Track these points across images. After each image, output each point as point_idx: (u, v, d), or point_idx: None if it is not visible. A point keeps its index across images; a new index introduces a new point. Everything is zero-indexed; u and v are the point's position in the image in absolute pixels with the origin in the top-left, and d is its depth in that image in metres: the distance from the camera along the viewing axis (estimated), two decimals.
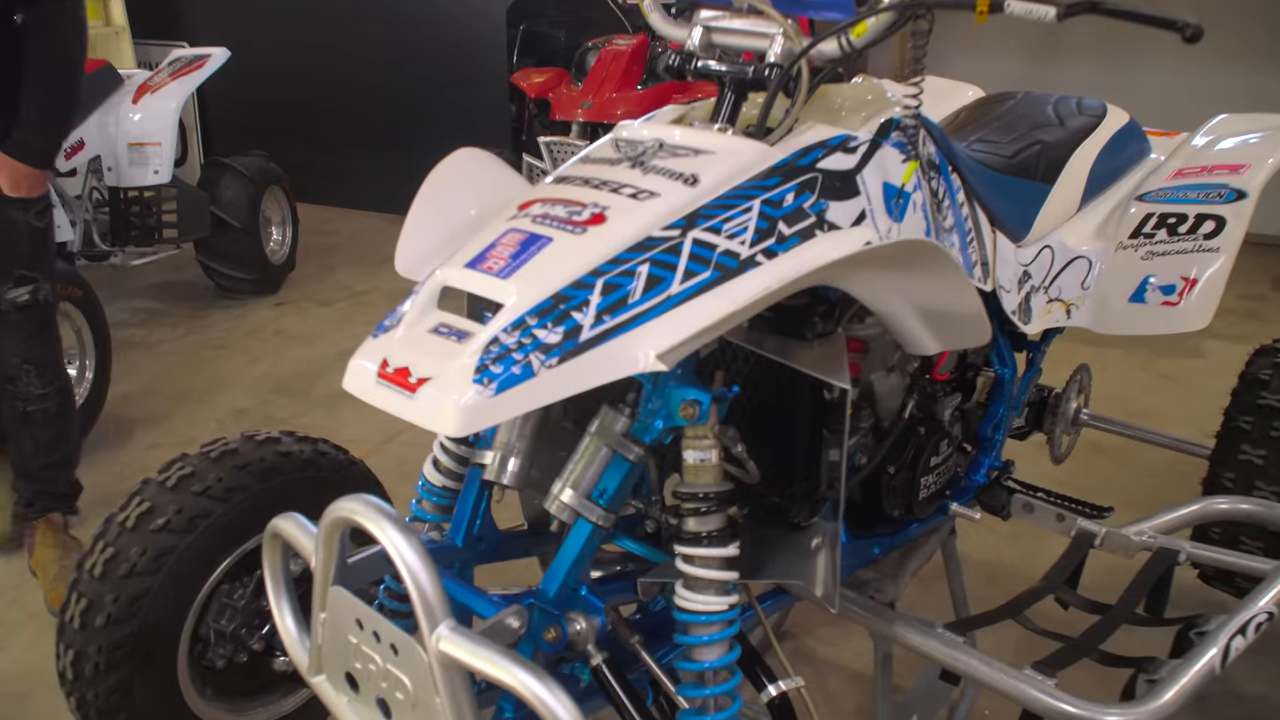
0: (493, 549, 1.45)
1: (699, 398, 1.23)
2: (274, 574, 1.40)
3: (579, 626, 1.25)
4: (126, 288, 5.08)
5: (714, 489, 1.24)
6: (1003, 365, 2.09)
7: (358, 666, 1.24)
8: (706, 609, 1.24)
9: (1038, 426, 2.39)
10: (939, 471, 1.87)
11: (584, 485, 1.29)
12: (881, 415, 1.80)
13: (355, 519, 1.17)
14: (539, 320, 1.14)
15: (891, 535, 1.93)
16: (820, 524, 1.47)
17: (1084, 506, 1.95)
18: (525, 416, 1.40)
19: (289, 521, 1.34)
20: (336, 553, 1.24)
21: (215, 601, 1.69)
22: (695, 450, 1.25)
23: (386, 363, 1.17)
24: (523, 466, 1.38)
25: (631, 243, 1.21)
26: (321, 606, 1.28)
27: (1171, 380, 4.13)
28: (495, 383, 1.08)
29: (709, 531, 1.24)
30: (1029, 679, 1.49)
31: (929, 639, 1.59)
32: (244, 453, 1.73)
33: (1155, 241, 1.98)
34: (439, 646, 1.10)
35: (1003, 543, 3.07)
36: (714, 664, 1.25)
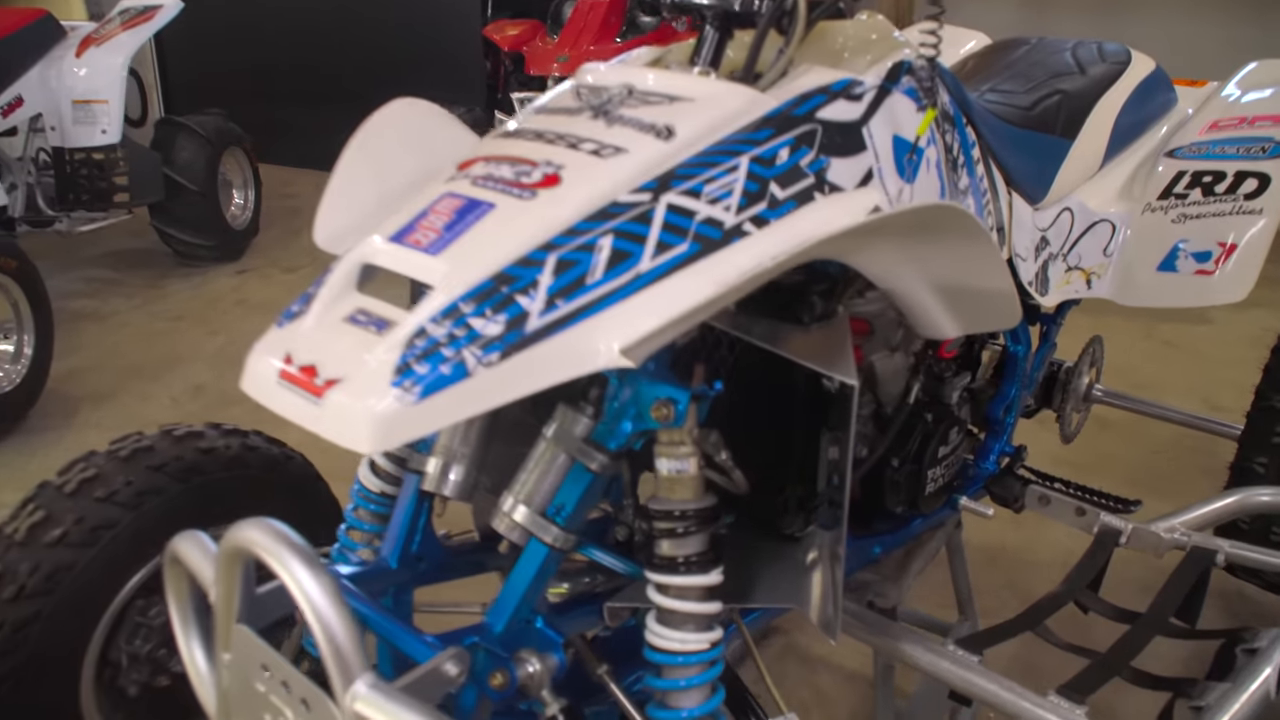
0: (436, 568, 1.24)
1: (674, 396, 1.02)
2: (178, 601, 1.19)
3: (532, 669, 1.05)
4: (79, 256, 4.82)
5: (693, 505, 1.04)
6: (1015, 341, 1.89)
7: (266, 719, 1.04)
8: (684, 648, 1.04)
9: (1047, 404, 2.20)
10: (947, 462, 1.68)
11: (538, 500, 1.08)
12: (883, 400, 1.59)
13: (254, 550, 0.96)
14: (476, 306, 0.92)
15: (894, 533, 1.74)
16: (816, 534, 1.27)
17: (1107, 499, 1.76)
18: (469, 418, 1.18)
19: (189, 543, 1.13)
20: (239, 585, 1.03)
21: (127, 620, 1.48)
22: (670, 459, 1.04)
23: (290, 358, 0.95)
24: (468, 475, 1.17)
25: (591, 210, 1.00)
26: (225, 646, 1.07)
27: (1175, 348, 3.94)
28: (419, 385, 0.87)
29: (687, 556, 1.04)
30: (1056, 707, 1.31)
31: (940, 659, 1.40)
32: (159, 450, 1.52)
33: (1188, 203, 1.77)
34: (354, 707, 0.90)
35: (1005, 526, 2.89)
36: (694, 713, 1.05)
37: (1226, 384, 3.49)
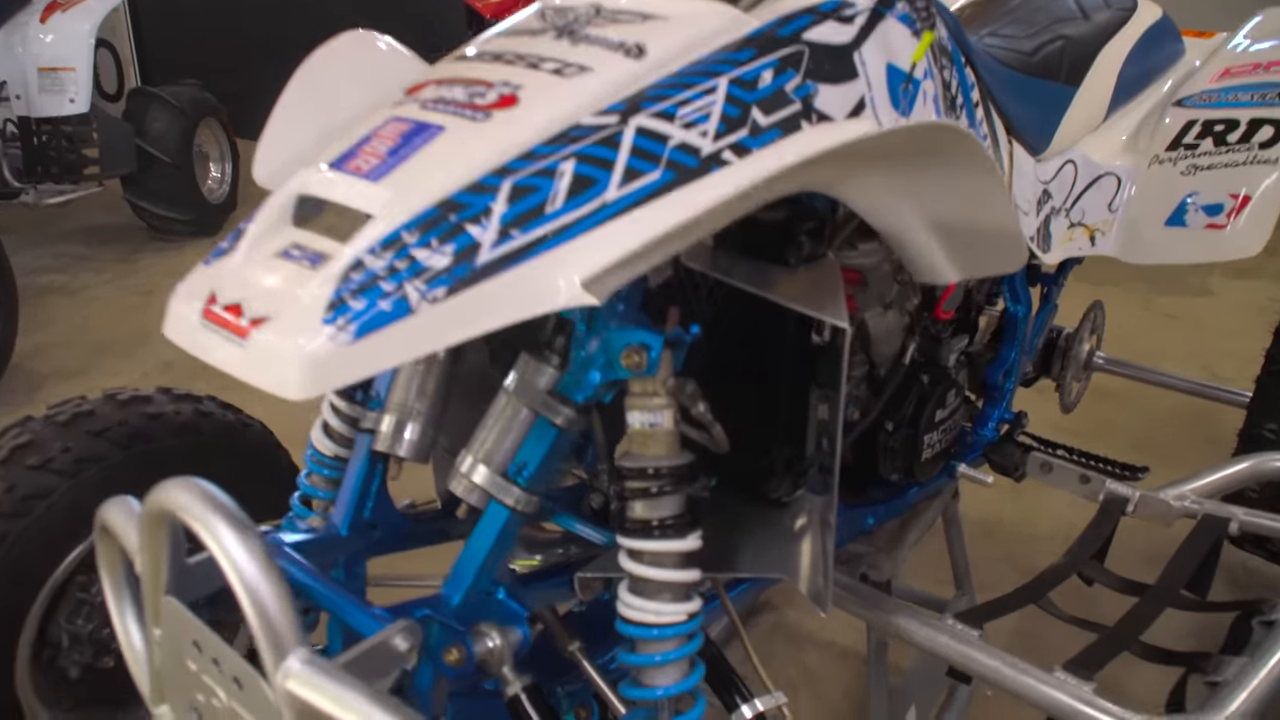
0: (392, 537, 1.14)
1: (647, 342, 0.92)
2: (110, 573, 1.09)
3: (491, 644, 0.95)
4: (49, 231, 4.69)
5: (668, 463, 0.94)
6: (1015, 301, 1.80)
7: (200, 699, 0.94)
8: (659, 620, 0.94)
9: (1046, 371, 2.11)
10: (945, 427, 1.58)
11: (498, 459, 0.98)
12: (877, 361, 1.50)
13: (177, 512, 0.86)
14: (420, 236, 0.82)
15: (888, 503, 1.64)
16: (805, 499, 1.18)
17: (1113, 466, 1.67)
18: (427, 368, 1.08)
19: (118, 509, 1.03)
20: (166, 552, 0.93)
21: (67, 597, 1.38)
22: (642, 411, 0.94)
23: (214, 297, 0.85)
24: (424, 434, 1.07)
25: (552, 132, 0.89)
26: (155, 621, 0.98)
27: (1175, 319, 3.86)
28: (355, 323, 0.77)
29: (661, 519, 0.94)
30: (1063, 684, 1.22)
31: (938, 634, 1.31)
32: (101, 415, 1.41)
33: (1198, 153, 1.67)
34: (285, 685, 0.80)
35: (1002, 497, 2.81)
36: (670, 690, 0.95)
37: (1228, 354, 3.41)
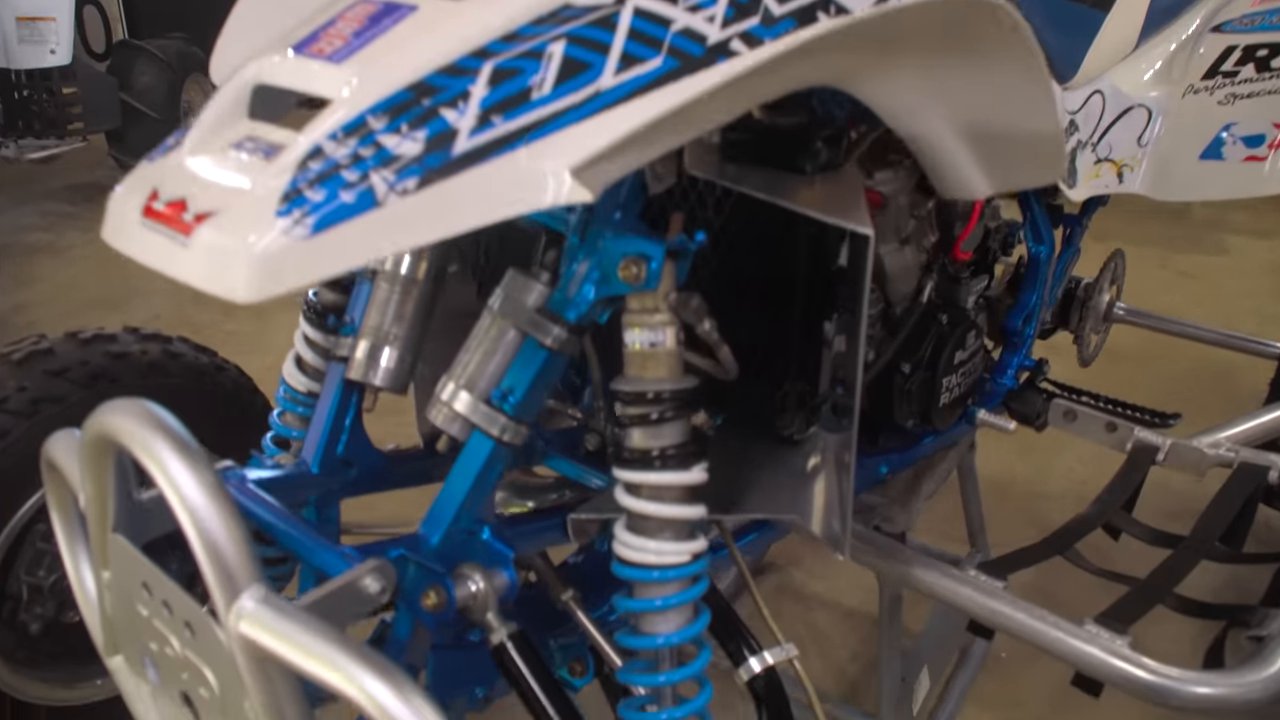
0: (369, 476, 1.05)
1: (647, 251, 0.82)
2: (61, 513, 1.00)
3: (474, 587, 0.86)
4: (34, 189, 4.57)
5: (670, 386, 0.84)
6: (1038, 242, 1.70)
7: (153, 647, 0.86)
8: (660, 561, 0.85)
9: (1064, 323, 2.01)
10: (963, 370, 1.49)
11: (481, 384, 0.88)
12: (893, 300, 1.40)
13: (118, 437, 0.76)
14: (389, 121, 0.72)
15: (902, 452, 1.55)
16: (819, 437, 1.08)
17: (1141, 413, 1.57)
18: (405, 291, 0.99)
19: (64, 442, 0.94)
20: (112, 484, 0.84)
21: (27, 547, 1.29)
22: (641, 329, 0.84)
23: (156, 194, 0.75)
24: (401, 361, 0.98)
25: (540, 11, 0.79)
26: (104, 562, 0.88)
27: (1191, 278, 3.75)
28: (313, 216, 0.67)
29: (663, 449, 0.84)
30: (1095, 637, 1.13)
31: (960, 585, 1.22)
32: (61, 354, 1.32)
33: (1238, 81, 1.56)
34: (238, 627, 0.71)
35: (1012, 456, 2.72)
36: (671, 639, 0.86)
37: (1247, 313, 3.32)
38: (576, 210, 0.88)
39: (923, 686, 1.72)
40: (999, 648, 2.06)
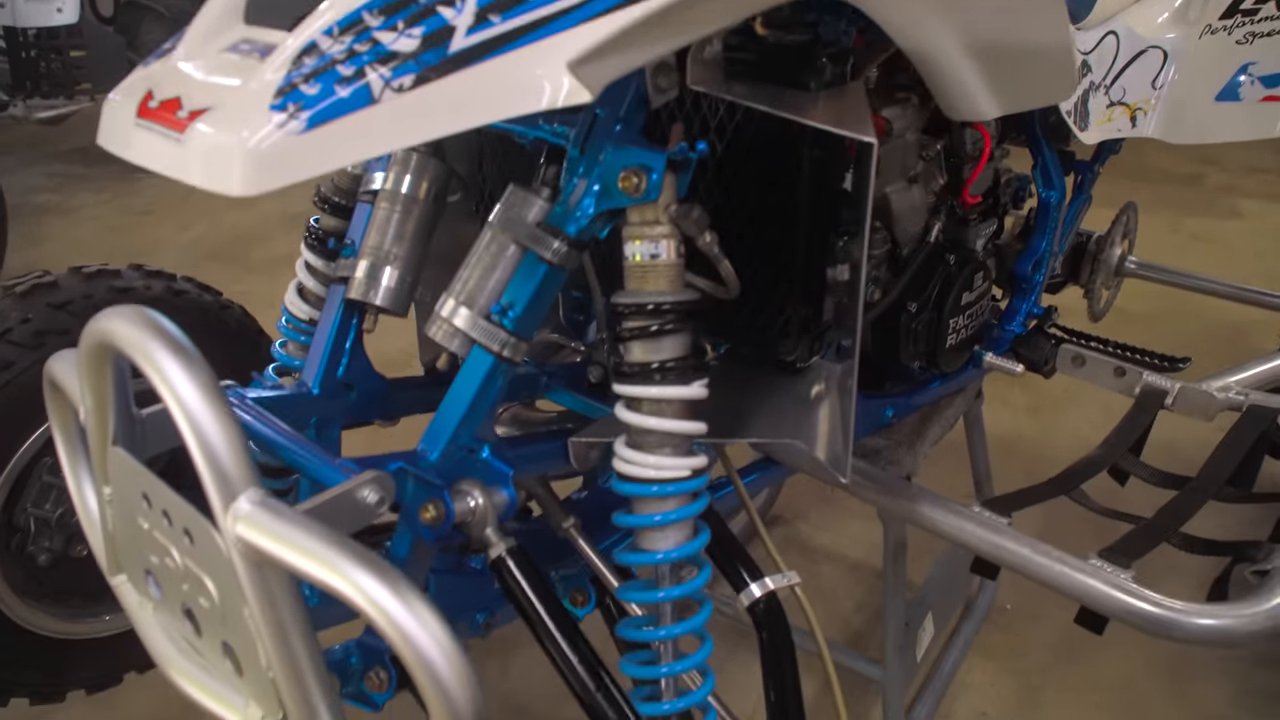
0: (370, 401, 1.05)
1: (647, 162, 0.81)
2: (64, 432, 1.00)
3: (473, 503, 0.86)
4: (45, 150, 4.57)
5: (670, 298, 0.83)
6: (1048, 187, 1.68)
7: (154, 561, 0.86)
8: (659, 475, 0.84)
9: (1074, 277, 1.99)
10: (971, 312, 1.48)
11: (482, 300, 0.88)
12: (900, 240, 1.39)
13: (115, 342, 0.76)
14: (385, 18, 0.71)
15: (909, 395, 1.54)
16: (823, 366, 1.07)
17: (1151, 357, 1.56)
18: (405, 211, 0.98)
19: (65, 359, 0.94)
20: (111, 394, 0.84)
21: (33, 480, 1.30)
22: (641, 241, 0.83)
23: (151, 94, 0.74)
24: (401, 281, 0.97)
25: None
26: (104, 477, 0.89)
27: (1203, 241, 3.72)
28: (308, 111, 0.66)
29: (663, 362, 0.84)
30: (1099, 571, 1.12)
31: (965, 521, 1.21)
32: (65, 287, 1.32)
33: (1258, 19, 1.53)
34: (235, 530, 0.71)
35: (1019, 415, 2.71)
36: (671, 555, 0.86)
37: (1259, 276, 3.26)
38: (577, 124, 0.87)
39: (927, 633, 1.72)
40: (1003, 600, 2.06)
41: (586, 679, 0.81)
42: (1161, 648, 1.92)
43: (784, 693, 0.95)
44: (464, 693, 0.66)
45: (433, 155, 0.98)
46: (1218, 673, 1.86)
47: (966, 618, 1.95)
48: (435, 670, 0.65)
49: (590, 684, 0.81)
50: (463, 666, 0.65)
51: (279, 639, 0.73)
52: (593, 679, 0.81)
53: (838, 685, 0.98)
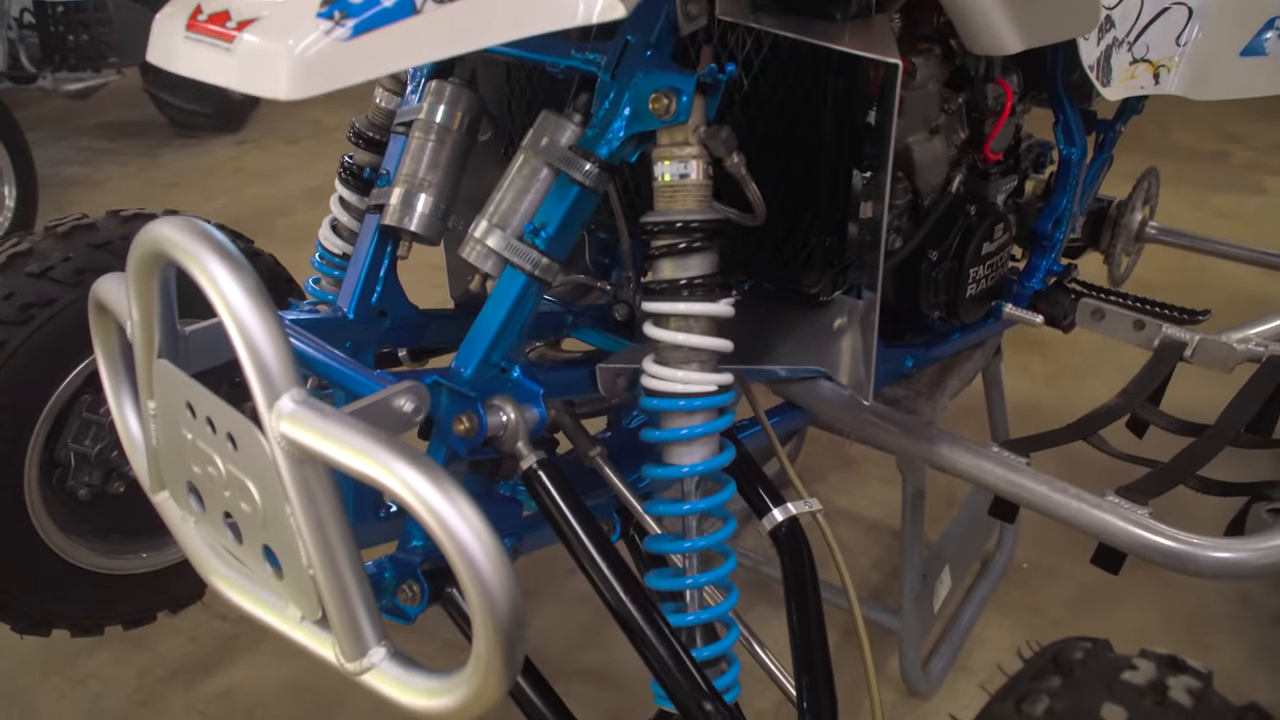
0: (403, 329, 1.07)
1: (677, 84, 0.83)
2: (107, 354, 1.03)
3: (505, 417, 0.88)
4: (73, 125, 4.63)
5: (698, 216, 0.85)
6: (1069, 144, 1.68)
7: (196, 472, 0.89)
8: (686, 389, 0.87)
9: (1094, 243, 1.99)
10: (991, 263, 1.49)
11: (515, 221, 0.90)
12: (921, 190, 1.40)
13: (165, 248, 0.79)
14: None
15: (928, 346, 1.56)
16: (845, 301, 1.09)
17: (1170, 310, 1.56)
18: (440, 140, 1.00)
19: (112, 281, 0.97)
20: (158, 308, 0.87)
21: (74, 416, 1.33)
22: (670, 162, 0.85)
23: (199, 9, 0.77)
24: (435, 208, 1.00)
25: None
26: (149, 392, 0.92)
27: (1228, 218, 3.70)
28: (353, 19, 0.69)
29: (690, 279, 0.86)
30: (1115, 507, 1.14)
31: (984, 460, 1.23)
32: (103, 229, 1.35)
33: None
34: (279, 428, 0.74)
35: (1038, 383, 2.72)
36: (696, 468, 0.88)
37: None
38: (609, 51, 0.89)
39: (944, 585, 1.74)
40: (1021, 558, 2.08)
41: (616, 586, 0.84)
42: (1178, 605, 1.93)
43: (806, 614, 0.97)
44: (502, 582, 0.68)
45: (467, 86, 1.00)
46: (1235, 632, 1.87)
47: (983, 574, 1.97)
48: (474, 559, 0.67)
49: (620, 591, 0.83)
50: (500, 556, 0.68)
51: (318, 535, 0.76)
52: (623, 585, 0.84)
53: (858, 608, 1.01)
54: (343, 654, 0.80)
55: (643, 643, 0.83)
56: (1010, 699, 0.65)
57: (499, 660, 0.71)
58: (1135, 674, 0.65)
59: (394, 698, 0.79)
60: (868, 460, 2.36)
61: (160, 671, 1.75)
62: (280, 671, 1.76)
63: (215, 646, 1.81)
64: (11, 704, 1.68)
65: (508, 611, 0.69)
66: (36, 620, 1.36)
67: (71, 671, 1.75)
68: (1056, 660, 0.68)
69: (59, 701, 1.69)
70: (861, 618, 1.00)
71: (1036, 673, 0.68)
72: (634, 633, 0.83)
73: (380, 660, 0.79)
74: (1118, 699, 0.62)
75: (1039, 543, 2.10)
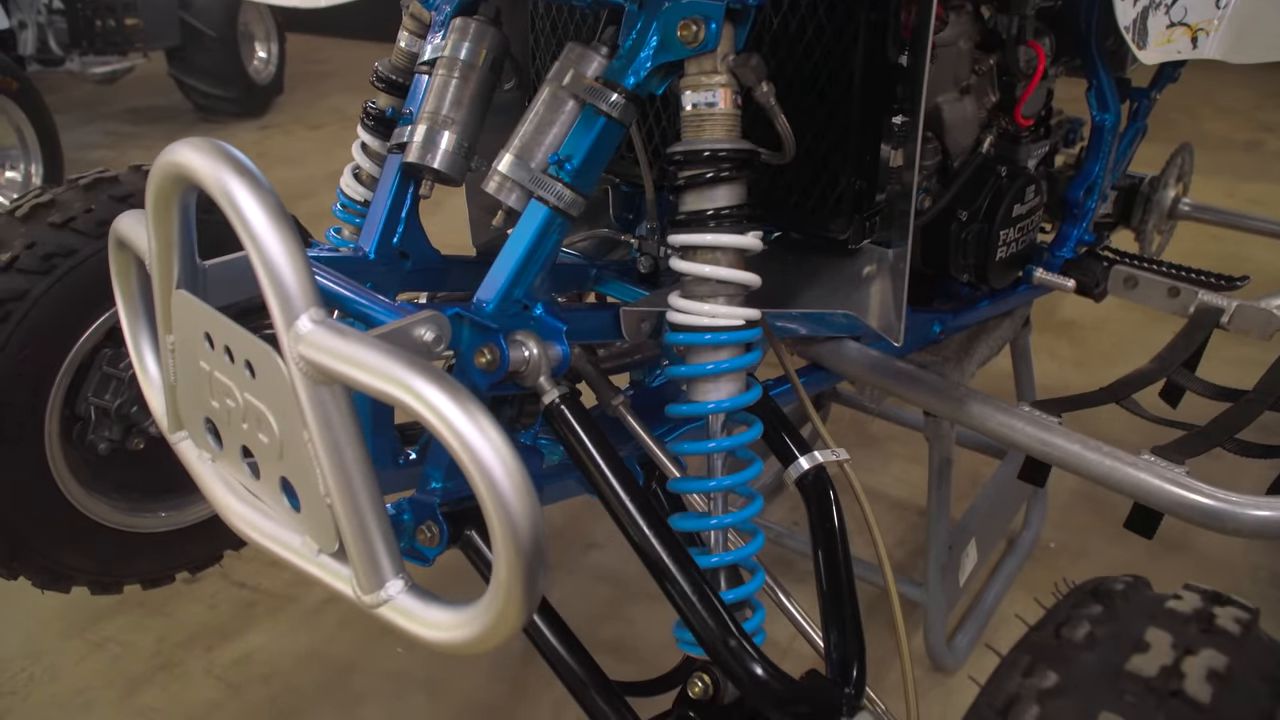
0: (424, 273, 1.06)
1: (706, 10, 0.81)
2: (125, 292, 1.02)
3: (528, 352, 0.86)
4: (100, 110, 4.67)
5: (726, 145, 0.83)
6: (1103, 110, 1.65)
7: (215, 406, 0.87)
8: (713, 323, 0.85)
9: (1125, 220, 1.96)
10: (1022, 226, 1.46)
11: (539, 153, 0.88)
12: (952, 151, 1.38)
13: (186, 169, 0.78)
14: None
15: (957, 313, 1.53)
16: (874, 250, 1.07)
17: (1206, 276, 1.53)
18: (463, 78, 0.99)
19: (132, 217, 0.96)
20: (178, 237, 0.86)
21: (94, 370, 1.33)
22: (698, 90, 0.83)
23: None
24: (458, 146, 0.98)
25: None
26: (167, 325, 0.90)
27: (1260, 206, 3.64)
28: None
29: (717, 209, 0.84)
30: (1151, 466, 1.11)
31: (1014, 419, 1.20)
32: (125, 182, 1.35)
33: None
34: (298, 349, 0.72)
35: (1066, 368, 2.68)
36: (722, 404, 0.86)
37: None
38: None
39: (970, 559, 1.71)
40: (1047, 538, 2.04)
41: (641, 522, 0.82)
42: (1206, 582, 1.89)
43: (834, 564, 0.94)
44: (524, 501, 0.66)
45: (491, 24, 0.99)
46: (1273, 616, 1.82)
47: (1010, 553, 1.94)
48: (495, 478, 0.65)
49: (645, 526, 0.81)
50: (522, 476, 0.66)
51: (336, 461, 0.75)
52: (648, 522, 0.81)
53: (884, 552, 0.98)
54: (360, 586, 0.78)
55: (668, 580, 0.80)
56: (1049, 626, 0.63)
57: (519, 586, 0.69)
58: (1180, 603, 0.63)
59: (411, 631, 0.77)
60: (891, 439, 2.33)
61: (178, 636, 1.75)
62: (297, 639, 1.75)
63: (233, 614, 1.81)
64: (35, 664, 1.69)
65: (529, 532, 0.67)
66: (56, 575, 1.36)
67: (91, 635, 1.75)
68: (1096, 592, 0.66)
69: (79, 663, 1.69)
70: (889, 563, 0.98)
71: (1076, 602, 0.65)
72: (659, 570, 0.81)
73: (398, 593, 0.78)
74: (1162, 625, 0.60)
75: (1066, 524, 2.06)
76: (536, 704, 1.62)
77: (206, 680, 1.67)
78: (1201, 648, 0.58)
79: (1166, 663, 0.56)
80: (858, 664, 0.84)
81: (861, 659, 0.86)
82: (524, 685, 1.66)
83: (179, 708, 1.61)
